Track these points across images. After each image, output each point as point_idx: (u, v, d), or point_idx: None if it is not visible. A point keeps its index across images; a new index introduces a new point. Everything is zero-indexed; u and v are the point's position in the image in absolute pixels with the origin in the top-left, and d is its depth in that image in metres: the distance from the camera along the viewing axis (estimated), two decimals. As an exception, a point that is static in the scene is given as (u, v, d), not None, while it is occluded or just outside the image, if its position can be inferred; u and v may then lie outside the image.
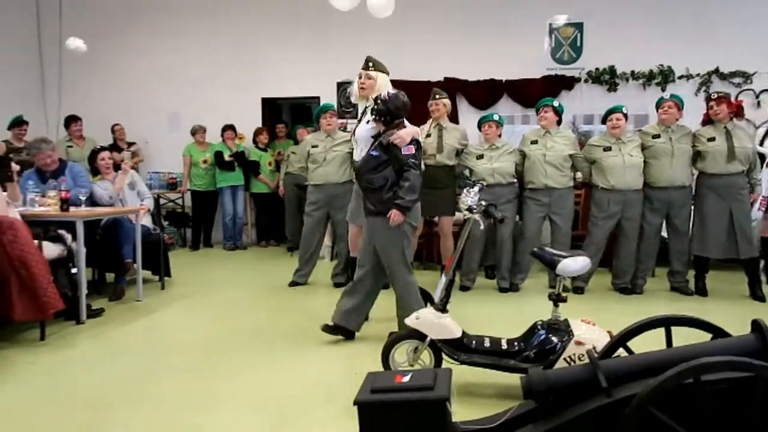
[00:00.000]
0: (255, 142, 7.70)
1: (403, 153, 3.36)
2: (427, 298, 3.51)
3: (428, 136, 5.15)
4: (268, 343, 3.71)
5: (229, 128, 7.53)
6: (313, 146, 5.33)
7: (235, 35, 8.06)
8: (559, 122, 5.23)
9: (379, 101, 3.46)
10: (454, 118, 7.16)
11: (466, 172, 5.29)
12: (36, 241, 3.71)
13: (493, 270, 5.52)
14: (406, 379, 2.03)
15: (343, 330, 3.67)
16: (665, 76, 7.17)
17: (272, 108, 8.54)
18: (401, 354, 2.92)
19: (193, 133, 7.57)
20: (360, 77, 3.77)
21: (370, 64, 3.79)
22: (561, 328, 2.78)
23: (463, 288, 5.20)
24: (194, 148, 7.59)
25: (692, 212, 5.11)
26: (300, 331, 3.95)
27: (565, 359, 2.67)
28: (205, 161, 7.53)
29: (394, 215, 3.33)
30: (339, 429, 2.52)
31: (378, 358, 2.93)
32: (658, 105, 5.08)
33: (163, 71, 8.20)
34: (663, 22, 7.08)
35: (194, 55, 8.11)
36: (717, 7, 7.02)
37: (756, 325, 1.82)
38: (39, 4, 8.17)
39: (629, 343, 2.20)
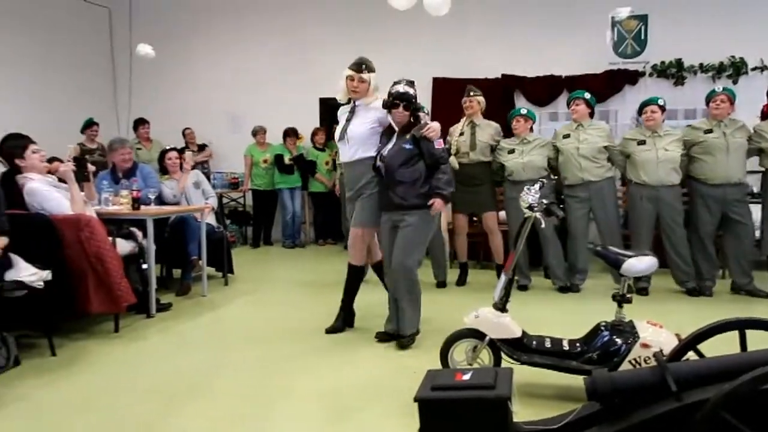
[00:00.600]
0: (313, 141, 7.84)
1: (435, 147, 3.46)
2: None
3: (462, 134, 5.15)
4: (325, 339, 3.78)
5: (291, 133, 7.70)
6: None
7: (294, 36, 8.23)
8: (591, 114, 5.10)
9: (401, 91, 3.45)
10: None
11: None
12: (110, 238, 3.91)
13: (552, 269, 5.41)
14: (466, 377, 2.02)
15: (398, 337, 3.62)
16: (737, 69, 6.83)
17: (329, 108, 8.64)
18: (460, 353, 2.91)
19: (254, 133, 7.79)
20: (352, 80, 3.65)
21: (364, 66, 3.68)
22: (626, 330, 2.70)
23: (522, 287, 5.13)
24: (255, 148, 7.80)
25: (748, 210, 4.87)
26: (356, 327, 4.00)
27: (630, 362, 2.60)
28: (265, 161, 7.73)
29: (438, 204, 3.44)
30: (396, 425, 2.54)
31: (434, 356, 2.93)
32: (709, 99, 4.88)
33: (226, 74, 8.47)
34: (735, 11, 6.74)
35: (255, 58, 8.34)
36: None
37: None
38: (111, 13, 8.61)
39: (700, 347, 2.12)
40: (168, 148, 5.73)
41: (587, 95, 5.13)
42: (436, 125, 3.48)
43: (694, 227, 4.91)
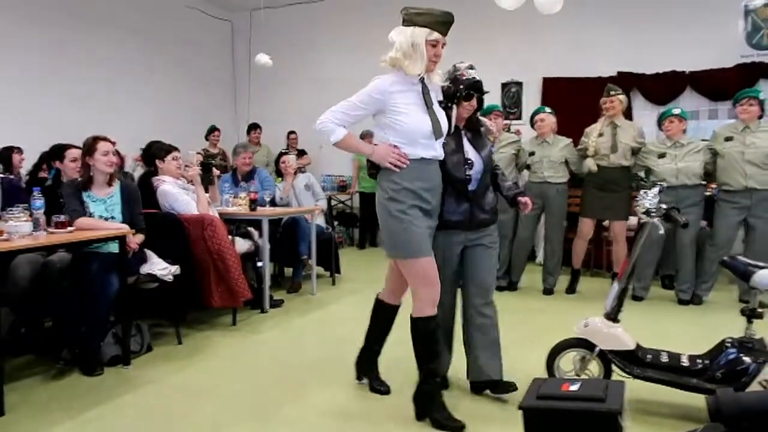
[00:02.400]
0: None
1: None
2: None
3: (600, 135, 4.88)
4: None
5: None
6: None
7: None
8: (761, 116, 4.62)
9: (477, 79, 2.70)
10: (627, 115, 6.72)
11: (641, 173, 4.92)
12: (229, 237, 4.19)
13: (671, 280, 5.06)
14: (574, 387, 1.96)
15: (496, 383, 2.85)
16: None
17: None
18: (567, 363, 2.81)
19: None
20: (435, 45, 2.56)
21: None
22: (756, 348, 2.48)
23: (636, 297, 4.84)
24: (363, 152, 8.00)
25: None
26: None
27: (760, 383, 2.38)
28: (371, 165, 7.90)
29: (528, 203, 2.83)
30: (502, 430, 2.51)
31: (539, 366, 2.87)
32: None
33: (336, 81, 8.74)
34: None
35: (363, 64, 8.53)
36: None
37: None
38: (233, 26, 9.23)
39: None
40: (282, 152, 6.03)
41: (762, 95, 4.69)
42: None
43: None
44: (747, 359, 2.48)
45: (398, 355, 3.10)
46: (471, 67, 2.75)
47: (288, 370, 3.32)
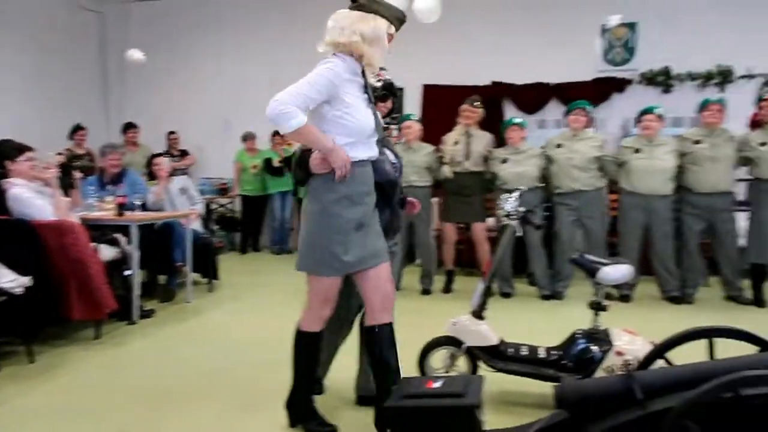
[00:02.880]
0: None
1: None
2: None
3: (456, 143, 5.17)
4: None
5: (277, 134, 7.70)
6: None
7: (284, 43, 8.23)
8: (588, 125, 5.12)
9: (391, 80, 2.71)
10: (499, 121, 7.12)
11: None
12: (93, 244, 3.90)
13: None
14: (437, 385, 2.03)
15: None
16: (724, 77, 6.88)
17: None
18: (437, 360, 2.91)
19: (244, 139, 7.79)
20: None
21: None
22: (601, 338, 2.71)
23: (505, 294, 5.15)
24: (245, 154, 7.81)
25: (733, 219, 4.92)
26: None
27: (604, 370, 2.61)
28: (254, 167, 7.73)
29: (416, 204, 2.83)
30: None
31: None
32: (702, 107, 4.92)
33: (218, 81, 8.48)
34: (722, 19, 6.77)
35: (246, 65, 8.35)
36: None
37: (804, 338, 1.73)
38: (105, 19, 8.62)
39: (671, 355, 2.13)
40: (155, 153, 5.72)
41: (588, 106, 5.18)
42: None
43: (682, 235, 4.94)
44: (594, 348, 2.70)
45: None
46: (383, 69, 2.63)
47: (156, 382, 3.14)
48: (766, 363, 1.72)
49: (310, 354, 2.50)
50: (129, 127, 7.62)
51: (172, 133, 8.02)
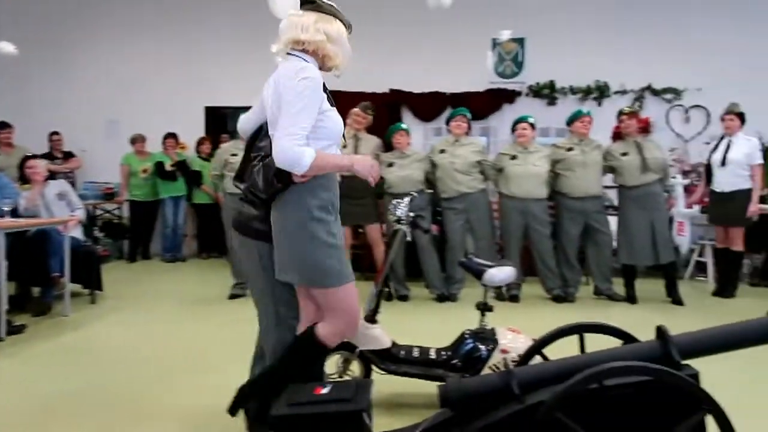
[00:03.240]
0: (198, 151, 7.58)
1: None
2: None
3: (344, 146, 5.20)
4: (203, 357, 3.62)
5: (170, 137, 7.37)
6: (232, 154, 5.29)
7: (176, 42, 7.92)
8: (468, 133, 5.40)
9: None
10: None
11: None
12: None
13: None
14: (325, 391, 2.01)
15: None
16: (601, 91, 7.45)
17: (216, 117, 8.41)
18: (331, 366, 2.89)
19: (133, 142, 7.38)
20: None
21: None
22: (487, 337, 2.81)
23: (402, 297, 5.24)
24: (133, 157, 7.39)
25: (606, 221, 5.32)
26: (238, 343, 3.86)
27: (490, 368, 2.71)
28: (144, 171, 7.34)
29: None
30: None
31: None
32: (576, 118, 5.29)
33: (103, 79, 7.98)
34: (601, 39, 7.34)
35: (134, 63, 7.92)
36: (650, 26, 7.33)
37: (659, 331, 1.88)
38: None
39: (548, 351, 2.25)
40: (28, 155, 5.27)
41: (468, 114, 5.42)
42: None
43: (560, 238, 5.27)
44: (481, 347, 2.80)
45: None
46: None
47: (24, 405, 2.87)
48: (626, 355, 1.86)
49: (311, 367, 2.28)
50: (2, 126, 6.96)
51: (54, 133, 7.44)
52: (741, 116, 5.42)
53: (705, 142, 6.63)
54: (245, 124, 2.44)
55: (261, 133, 2.33)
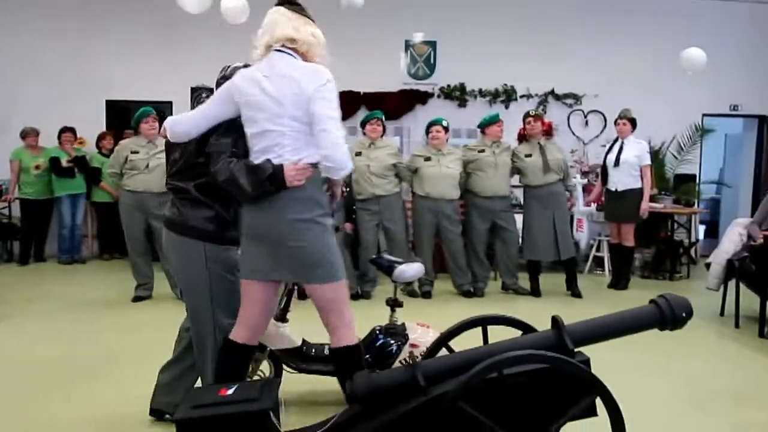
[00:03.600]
0: (98, 147, 7.16)
1: None
2: None
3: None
4: (101, 364, 3.43)
5: (67, 131, 6.91)
6: (133, 152, 5.06)
7: (74, 31, 7.44)
8: (383, 135, 5.47)
9: None
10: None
11: None
12: None
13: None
14: (230, 392, 1.96)
15: None
16: (509, 95, 7.77)
17: (119, 112, 7.98)
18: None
19: (24, 136, 6.85)
20: None
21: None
22: (398, 332, 2.86)
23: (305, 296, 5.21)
24: (24, 152, 6.86)
25: (513, 220, 5.56)
26: (142, 347, 3.70)
27: (401, 362, 2.75)
28: (37, 167, 6.83)
29: None
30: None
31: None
32: (493, 122, 5.50)
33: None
34: (508, 46, 7.64)
35: (28, 52, 7.36)
36: (554, 35, 7.71)
37: (554, 321, 1.99)
38: None
39: (456, 344, 2.32)
40: None
41: (382, 116, 5.47)
42: None
43: (469, 235, 5.46)
44: (391, 342, 2.84)
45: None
46: (247, 66, 2.41)
47: None
48: (525, 345, 1.95)
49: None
50: None
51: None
52: (632, 121, 5.83)
53: (602, 145, 7.09)
54: (192, 128, 2.28)
55: (218, 130, 2.25)
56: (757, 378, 3.41)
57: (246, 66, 2.37)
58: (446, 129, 5.39)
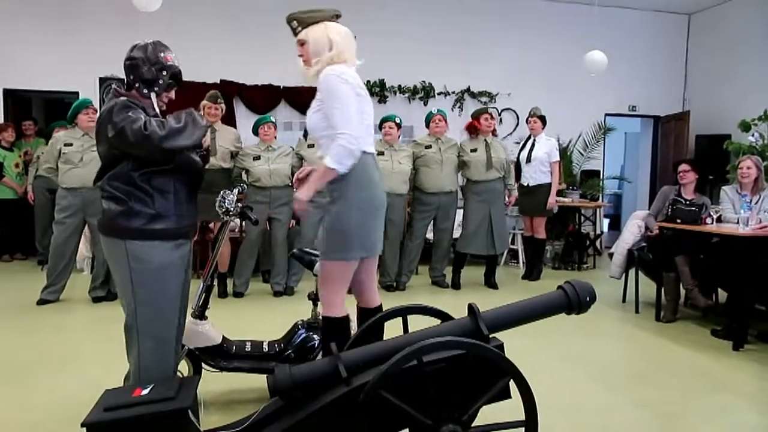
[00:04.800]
0: (-4, 140, 6.64)
1: None
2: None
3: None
4: (6, 370, 3.22)
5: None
6: (66, 144, 4.77)
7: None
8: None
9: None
10: (231, 121, 7.03)
11: (244, 175, 5.21)
12: None
13: (270, 274, 5.52)
14: (145, 392, 1.90)
15: None
16: (427, 92, 7.93)
17: (18, 101, 7.44)
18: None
19: None
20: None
21: (294, 24, 2.59)
22: (320, 326, 2.85)
23: (237, 294, 5.11)
24: None
25: (456, 215, 5.70)
26: (49, 353, 3.49)
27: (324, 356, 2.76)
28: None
29: None
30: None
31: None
32: (429, 119, 5.59)
33: None
34: (425, 44, 7.81)
35: None
36: (470, 33, 7.96)
37: (470, 308, 2.08)
38: None
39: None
40: None
41: None
42: None
43: (410, 231, 5.54)
44: (314, 337, 2.85)
45: None
46: (119, 83, 2.35)
47: None
48: (443, 332, 2.02)
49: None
50: None
51: None
52: (542, 119, 6.12)
53: (515, 142, 7.39)
54: (363, 132, 2.51)
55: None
56: (654, 359, 3.70)
57: (119, 82, 2.34)
58: (399, 125, 5.41)
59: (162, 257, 2.14)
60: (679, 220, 4.55)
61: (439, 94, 7.97)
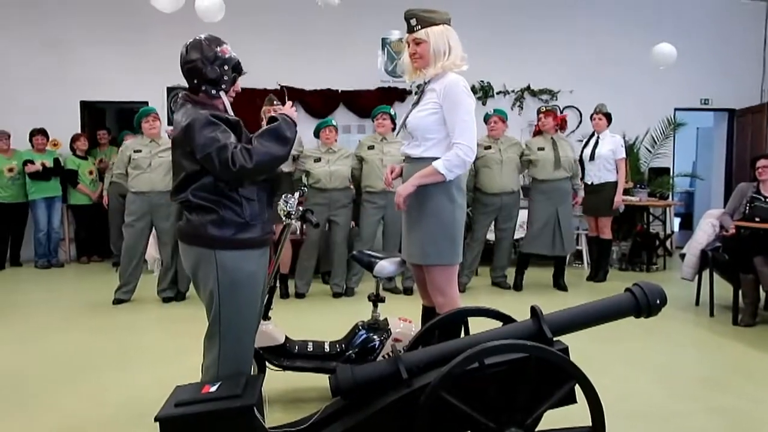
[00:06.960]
0: (72, 149, 7.04)
1: None
2: None
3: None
4: (83, 368, 3.39)
5: (38, 133, 6.81)
6: (135, 150, 5.01)
7: (48, 32, 7.32)
8: (393, 129, 5.45)
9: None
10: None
11: (304, 178, 5.31)
12: None
13: (330, 275, 5.59)
14: (213, 389, 1.96)
15: None
16: (485, 91, 7.83)
17: (93, 112, 7.88)
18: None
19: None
20: (408, 46, 2.58)
21: (414, 21, 2.52)
22: (380, 327, 2.88)
23: (299, 295, 5.21)
24: (-4, 155, 6.75)
25: (518, 214, 5.61)
26: (122, 351, 3.67)
27: (383, 356, 2.77)
28: (10, 170, 6.71)
29: None
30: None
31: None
32: (486, 120, 5.52)
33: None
34: (484, 42, 7.67)
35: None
36: (529, 31, 7.81)
37: (533, 311, 2.03)
38: None
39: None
40: None
41: (392, 111, 5.44)
42: None
43: (472, 231, 5.49)
44: (374, 338, 2.86)
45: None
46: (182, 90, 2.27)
47: None
48: (504, 335, 1.99)
49: None
50: None
51: None
52: (608, 115, 5.92)
53: (578, 140, 7.18)
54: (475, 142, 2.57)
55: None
56: (730, 364, 3.50)
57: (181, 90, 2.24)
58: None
59: (251, 266, 2.08)
60: (757, 219, 4.30)
61: (498, 93, 7.86)
